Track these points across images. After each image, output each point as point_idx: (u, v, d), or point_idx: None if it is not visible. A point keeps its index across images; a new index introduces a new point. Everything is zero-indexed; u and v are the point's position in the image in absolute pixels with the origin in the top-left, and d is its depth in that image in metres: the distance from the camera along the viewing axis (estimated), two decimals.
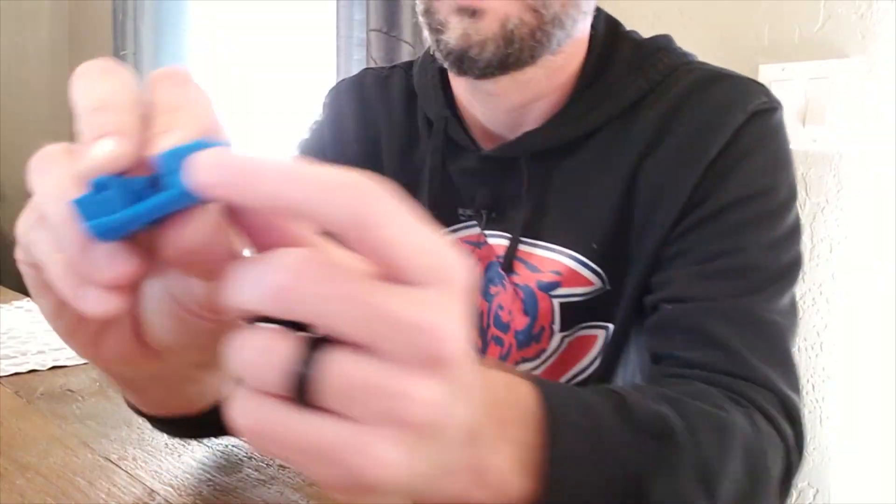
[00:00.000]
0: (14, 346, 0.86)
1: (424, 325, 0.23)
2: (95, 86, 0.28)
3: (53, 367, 0.78)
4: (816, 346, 1.20)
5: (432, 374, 0.24)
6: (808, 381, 1.21)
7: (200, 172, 0.23)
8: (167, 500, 0.49)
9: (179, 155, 0.25)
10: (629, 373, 0.68)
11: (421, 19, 0.61)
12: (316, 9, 2.05)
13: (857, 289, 1.17)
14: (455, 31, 0.57)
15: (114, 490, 0.50)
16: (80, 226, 0.26)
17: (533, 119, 0.65)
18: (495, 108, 0.65)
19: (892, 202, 1.12)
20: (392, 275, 0.24)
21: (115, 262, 0.27)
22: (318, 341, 0.24)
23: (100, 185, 0.26)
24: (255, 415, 0.24)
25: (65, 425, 0.61)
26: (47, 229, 0.28)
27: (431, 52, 0.63)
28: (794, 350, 0.57)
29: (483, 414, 0.30)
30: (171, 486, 0.51)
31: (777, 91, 0.65)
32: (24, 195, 0.29)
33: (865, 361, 1.17)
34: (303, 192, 0.23)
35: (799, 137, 1.18)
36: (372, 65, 1.68)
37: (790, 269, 0.59)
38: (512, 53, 0.57)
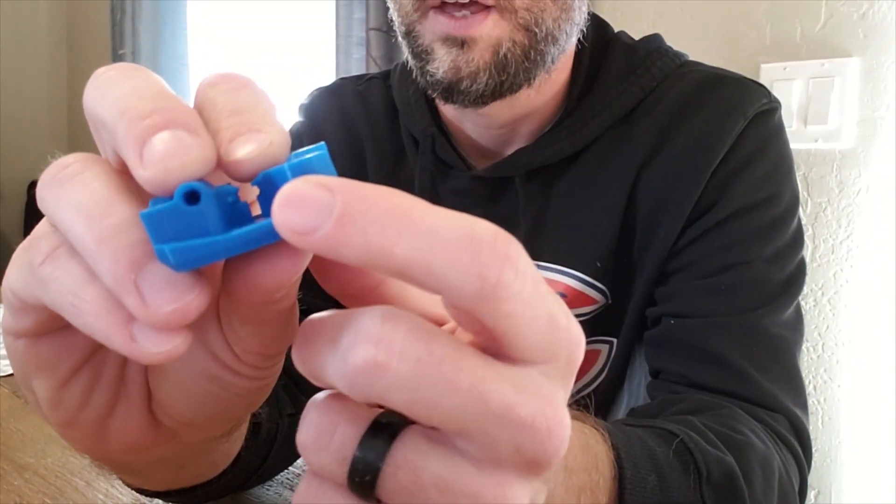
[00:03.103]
0: None
1: (536, 423, 0.19)
2: (133, 83, 0.22)
3: None
4: (818, 346, 1.20)
5: (528, 477, 0.20)
6: (809, 382, 1.21)
7: (286, 211, 0.18)
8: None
9: (302, 169, 0.20)
10: (634, 384, 0.67)
11: (401, 40, 0.57)
12: (315, 7, 2.05)
13: (858, 289, 1.16)
14: (443, 61, 0.53)
15: (112, 491, 0.50)
16: (140, 248, 0.20)
17: (524, 133, 0.62)
18: (484, 125, 0.62)
19: (892, 202, 1.12)
20: (495, 348, 0.20)
21: (178, 289, 0.20)
22: (387, 425, 0.20)
23: (185, 196, 0.20)
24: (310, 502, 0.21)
25: None
26: (72, 257, 0.22)
27: (410, 67, 0.59)
28: (799, 361, 0.57)
29: (561, 487, 0.28)
30: None
31: (779, 90, 0.64)
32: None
33: (866, 362, 1.16)
34: (418, 249, 0.18)
35: (800, 137, 1.18)
36: (371, 64, 1.67)
37: (794, 279, 0.58)
38: (506, 80, 0.53)
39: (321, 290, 0.25)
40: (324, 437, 0.20)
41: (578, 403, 0.37)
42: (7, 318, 0.25)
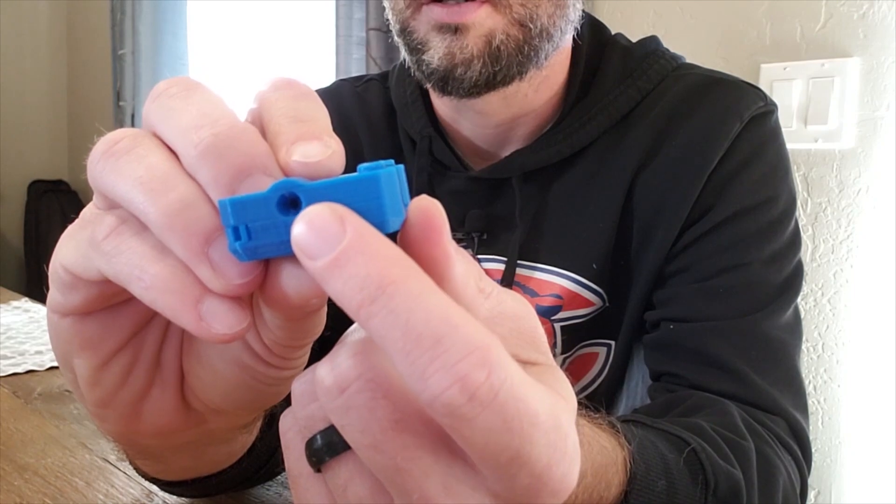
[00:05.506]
0: (12, 346, 0.86)
1: None
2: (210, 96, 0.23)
3: (51, 368, 0.78)
4: (818, 346, 1.20)
5: None
6: (809, 382, 1.21)
7: (301, 226, 0.18)
8: (165, 501, 0.49)
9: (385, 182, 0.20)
10: (633, 386, 0.67)
11: (397, 39, 0.58)
12: (315, 7, 2.05)
13: (858, 289, 1.16)
14: (437, 50, 0.53)
15: (112, 491, 0.50)
16: (210, 222, 0.21)
17: (522, 134, 0.62)
18: (482, 124, 0.62)
19: (892, 202, 1.12)
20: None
21: (248, 263, 0.21)
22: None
23: (281, 195, 0.20)
24: (288, 441, 0.22)
25: (63, 426, 0.60)
26: (138, 234, 0.22)
27: (408, 66, 0.60)
28: (799, 363, 0.57)
29: None
30: None
31: (779, 90, 0.64)
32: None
33: (866, 362, 1.16)
34: (383, 324, 0.17)
35: (800, 137, 1.17)
36: (371, 64, 1.67)
37: (792, 281, 0.58)
38: (499, 71, 0.54)
39: None
40: (303, 399, 0.21)
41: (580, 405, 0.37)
42: (55, 296, 0.25)
